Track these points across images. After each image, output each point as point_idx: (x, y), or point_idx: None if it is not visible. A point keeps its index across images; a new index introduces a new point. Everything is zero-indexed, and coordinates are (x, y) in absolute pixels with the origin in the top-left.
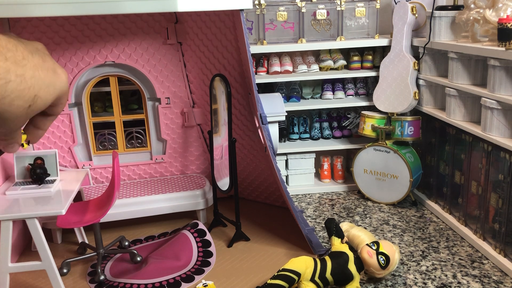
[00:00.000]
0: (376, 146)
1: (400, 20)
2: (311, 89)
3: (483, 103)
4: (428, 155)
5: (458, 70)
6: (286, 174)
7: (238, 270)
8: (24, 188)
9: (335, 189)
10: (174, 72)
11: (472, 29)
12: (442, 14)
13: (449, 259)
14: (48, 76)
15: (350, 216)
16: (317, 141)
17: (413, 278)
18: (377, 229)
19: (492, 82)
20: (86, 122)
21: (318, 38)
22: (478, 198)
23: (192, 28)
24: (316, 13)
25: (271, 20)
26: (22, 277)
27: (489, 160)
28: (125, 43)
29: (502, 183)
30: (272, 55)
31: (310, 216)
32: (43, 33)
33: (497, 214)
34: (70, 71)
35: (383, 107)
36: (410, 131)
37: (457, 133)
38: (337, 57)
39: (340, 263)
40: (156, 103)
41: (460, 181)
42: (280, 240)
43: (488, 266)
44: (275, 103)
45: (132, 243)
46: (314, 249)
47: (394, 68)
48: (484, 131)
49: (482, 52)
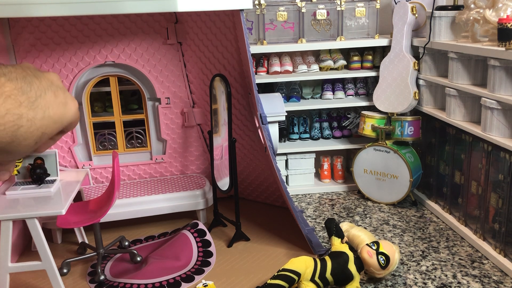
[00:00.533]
0: (376, 146)
1: (400, 20)
2: (311, 89)
3: (483, 103)
4: (428, 155)
5: (458, 70)
6: (286, 174)
7: (238, 270)
8: (24, 188)
9: (335, 189)
10: (174, 72)
11: (472, 29)
12: (442, 14)
13: (449, 259)
14: (58, 111)
15: (350, 216)
16: (317, 141)
17: (413, 278)
18: (377, 229)
19: (492, 82)
20: (86, 122)
21: (318, 38)
22: (478, 198)
23: (192, 28)
24: (316, 13)
25: (271, 20)
26: (22, 277)
27: (489, 160)
28: (125, 43)
29: (502, 183)
30: (272, 55)
31: (310, 216)
32: (43, 33)
33: (497, 214)
34: (70, 71)
35: (383, 107)
36: (410, 131)
37: (457, 133)
38: (337, 57)
39: (340, 263)
40: (156, 103)
41: (460, 181)
42: (280, 240)
43: (488, 266)
44: (275, 103)
45: (132, 243)
46: (314, 249)
47: (394, 68)
48: (484, 131)
49: (482, 52)
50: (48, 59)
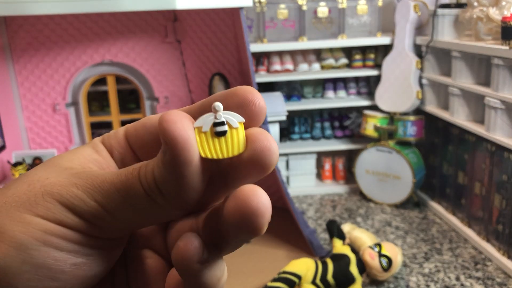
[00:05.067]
0: (379, 147)
1: (402, 18)
2: (312, 88)
3: (487, 102)
4: (431, 155)
5: (461, 69)
6: (286, 175)
7: (237, 272)
8: None
9: (337, 190)
10: (172, 71)
11: (476, 28)
12: (445, 12)
13: (452, 261)
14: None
15: (352, 218)
16: (319, 141)
17: (416, 280)
18: (379, 231)
19: (495, 81)
20: (83, 121)
21: (319, 36)
22: (482, 199)
23: (191, 26)
24: (317, 10)
25: (271, 18)
26: None
27: (493, 160)
28: (122, 42)
29: (506, 184)
30: (272, 54)
31: (311, 217)
32: (40, 31)
33: (501, 215)
34: (67, 70)
35: (386, 107)
36: (413, 131)
37: (461, 133)
38: (338, 55)
39: (342, 265)
40: (154, 102)
41: (464, 182)
42: (281, 242)
43: (492, 268)
44: (276, 103)
45: None
46: (315, 251)
47: (397, 67)
48: (488, 131)
49: (485, 51)
50: (45, 58)
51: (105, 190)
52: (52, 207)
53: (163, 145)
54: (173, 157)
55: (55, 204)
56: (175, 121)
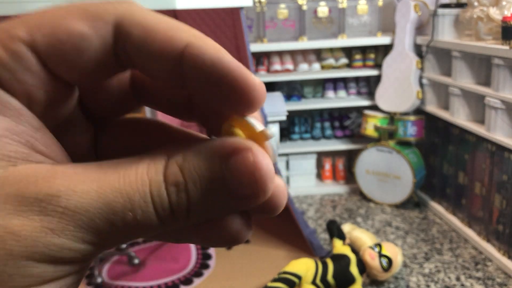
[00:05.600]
0: (379, 147)
1: (402, 18)
2: (312, 88)
3: (487, 102)
4: (431, 155)
5: (461, 69)
6: (287, 175)
7: (237, 272)
8: None
9: (337, 190)
10: None
11: (476, 27)
12: (446, 12)
13: (453, 261)
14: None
15: (352, 218)
16: (319, 141)
17: (416, 280)
18: (379, 231)
19: (496, 81)
20: None
21: (319, 36)
22: (482, 199)
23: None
24: (317, 10)
25: (271, 17)
26: None
27: (493, 160)
28: None
29: (506, 184)
30: (272, 54)
31: (311, 217)
32: None
33: (501, 215)
34: None
35: (386, 107)
36: (413, 131)
37: (461, 133)
38: (338, 55)
39: (342, 265)
40: None
41: (464, 182)
42: (281, 242)
43: (492, 268)
44: (276, 103)
45: (130, 245)
46: (315, 251)
47: (397, 67)
48: (488, 131)
49: (485, 51)
50: None
51: (96, 227)
52: (30, 271)
53: (232, 180)
54: (241, 198)
55: (33, 265)
56: (272, 178)
